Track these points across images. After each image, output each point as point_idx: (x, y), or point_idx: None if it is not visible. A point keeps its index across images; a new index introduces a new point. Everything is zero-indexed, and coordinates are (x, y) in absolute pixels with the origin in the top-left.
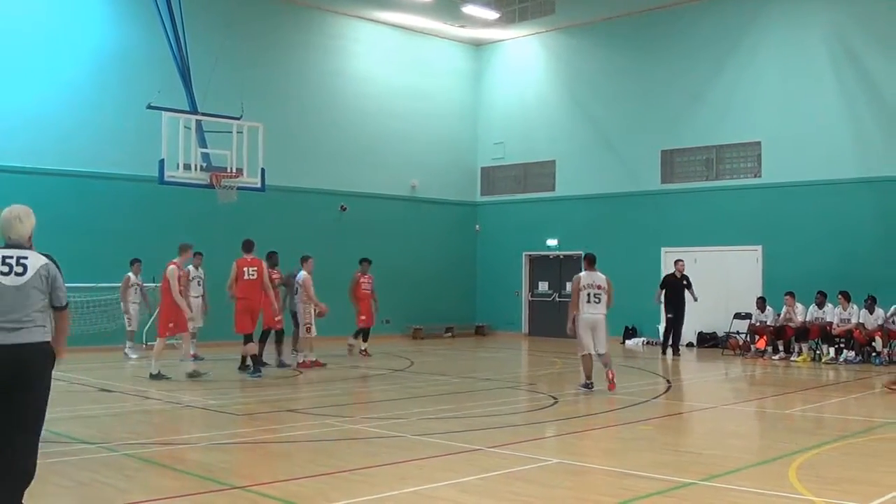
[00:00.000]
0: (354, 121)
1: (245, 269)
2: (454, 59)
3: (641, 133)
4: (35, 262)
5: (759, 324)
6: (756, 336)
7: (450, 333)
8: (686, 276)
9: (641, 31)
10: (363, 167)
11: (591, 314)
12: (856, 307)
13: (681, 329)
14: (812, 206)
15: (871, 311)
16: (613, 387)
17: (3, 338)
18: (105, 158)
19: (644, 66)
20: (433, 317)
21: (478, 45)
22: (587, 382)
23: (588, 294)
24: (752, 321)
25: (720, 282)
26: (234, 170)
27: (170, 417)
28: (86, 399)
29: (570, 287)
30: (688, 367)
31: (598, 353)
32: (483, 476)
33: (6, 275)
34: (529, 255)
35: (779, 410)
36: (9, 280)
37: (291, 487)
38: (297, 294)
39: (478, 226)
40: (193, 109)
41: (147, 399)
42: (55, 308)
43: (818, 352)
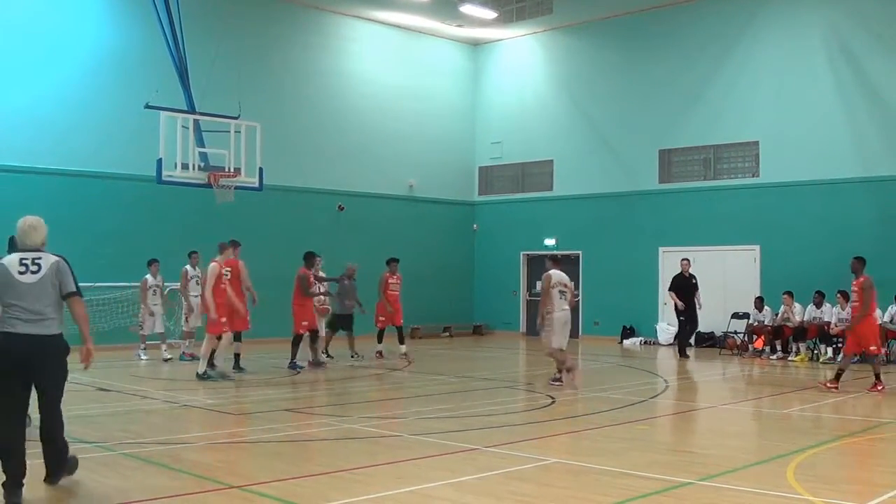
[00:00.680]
0: (352, 120)
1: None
2: (452, 59)
3: (639, 133)
4: (47, 261)
5: (757, 323)
6: (754, 336)
7: (447, 333)
8: (693, 276)
9: (639, 31)
10: (361, 167)
11: (563, 311)
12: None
13: (695, 328)
14: (810, 206)
15: None
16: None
17: (25, 328)
18: (102, 158)
19: (642, 66)
20: (431, 316)
21: (475, 45)
22: (560, 376)
23: (559, 291)
24: (750, 321)
25: (718, 281)
26: (232, 169)
27: (167, 417)
28: (83, 398)
29: (540, 286)
30: (686, 367)
31: (562, 349)
32: (481, 476)
33: (24, 274)
34: (527, 255)
35: (777, 410)
36: (26, 278)
37: (289, 487)
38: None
39: (475, 225)
40: (191, 109)
41: (145, 398)
42: (68, 295)
43: (816, 351)
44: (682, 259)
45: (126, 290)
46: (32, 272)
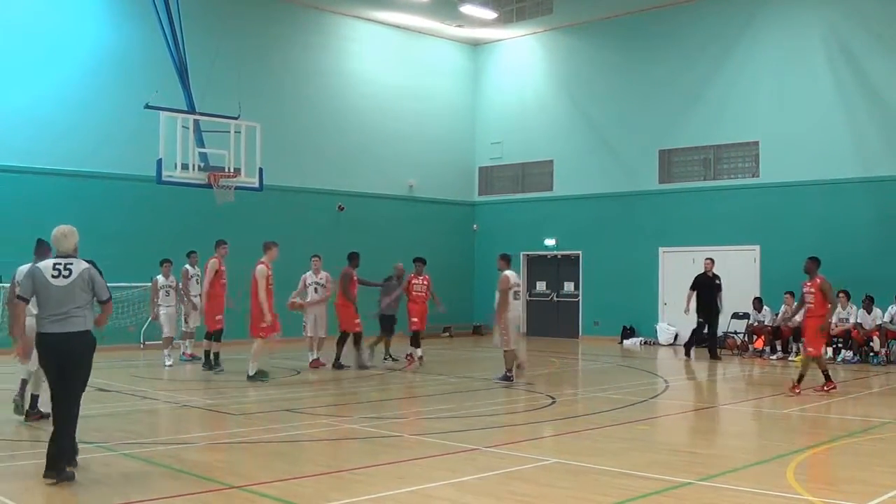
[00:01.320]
0: (352, 120)
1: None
2: (452, 59)
3: (639, 133)
4: (78, 267)
5: (757, 324)
6: (754, 336)
7: (448, 333)
8: (717, 276)
9: (639, 31)
10: (361, 167)
11: (517, 311)
12: (854, 307)
13: (716, 331)
14: (810, 206)
15: (869, 311)
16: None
17: (56, 327)
18: (102, 158)
19: (642, 66)
20: (431, 316)
21: (476, 45)
22: (510, 375)
23: (514, 292)
24: (750, 321)
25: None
26: (232, 169)
27: (168, 417)
28: (84, 399)
29: (499, 286)
30: (685, 367)
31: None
32: (481, 476)
33: (56, 278)
34: (527, 255)
35: (776, 410)
36: (58, 282)
37: (290, 487)
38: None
39: (476, 225)
40: (191, 109)
41: (145, 399)
42: (100, 302)
43: None
44: (706, 258)
45: (126, 291)
46: (64, 276)
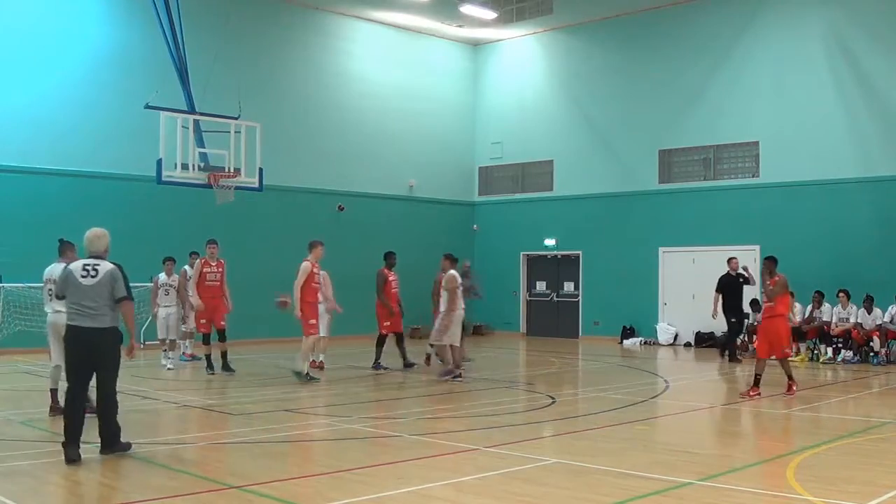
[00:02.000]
0: (352, 120)
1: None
2: (452, 59)
3: (639, 133)
4: (104, 268)
5: (757, 324)
6: (754, 336)
7: None
8: (742, 274)
9: (639, 31)
10: (361, 167)
11: (462, 309)
12: (854, 307)
13: (741, 331)
14: (810, 206)
15: (869, 311)
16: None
17: (86, 321)
18: (102, 158)
19: (642, 66)
20: (431, 317)
21: (475, 45)
22: (457, 371)
23: (459, 291)
24: (750, 321)
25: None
26: (232, 169)
27: (167, 417)
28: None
29: (448, 284)
30: (685, 367)
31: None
32: (481, 476)
33: (85, 277)
34: (527, 255)
35: (776, 410)
36: (87, 281)
37: (289, 487)
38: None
39: (475, 226)
40: (191, 109)
41: (145, 399)
42: (119, 300)
43: (816, 351)
44: (731, 258)
45: None
46: (91, 276)
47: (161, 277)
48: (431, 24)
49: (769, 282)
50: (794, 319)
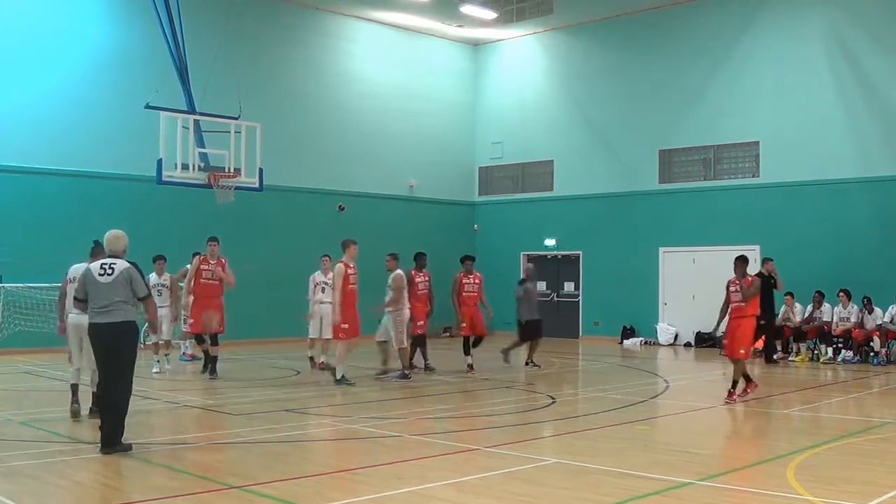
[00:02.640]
0: (352, 120)
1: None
2: (452, 59)
3: (639, 133)
4: (120, 267)
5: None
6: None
7: (448, 333)
8: (773, 276)
9: (639, 31)
10: (361, 167)
11: (409, 308)
12: (855, 307)
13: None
14: (810, 206)
15: (870, 312)
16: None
17: (100, 318)
18: (102, 158)
19: (642, 66)
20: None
21: (476, 45)
22: (408, 372)
23: (405, 291)
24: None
25: (718, 281)
26: (232, 170)
27: (168, 417)
28: (84, 399)
29: (395, 283)
30: (686, 367)
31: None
32: (481, 476)
33: (102, 276)
34: (527, 255)
35: (777, 410)
36: (103, 279)
37: (289, 487)
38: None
39: (476, 226)
40: (191, 109)
41: (145, 399)
42: (138, 299)
43: (816, 352)
44: (767, 259)
45: None
46: (108, 274)
47: (152, 277)
48: (432, 24)
49: (744, 281)
50: (795, 319)
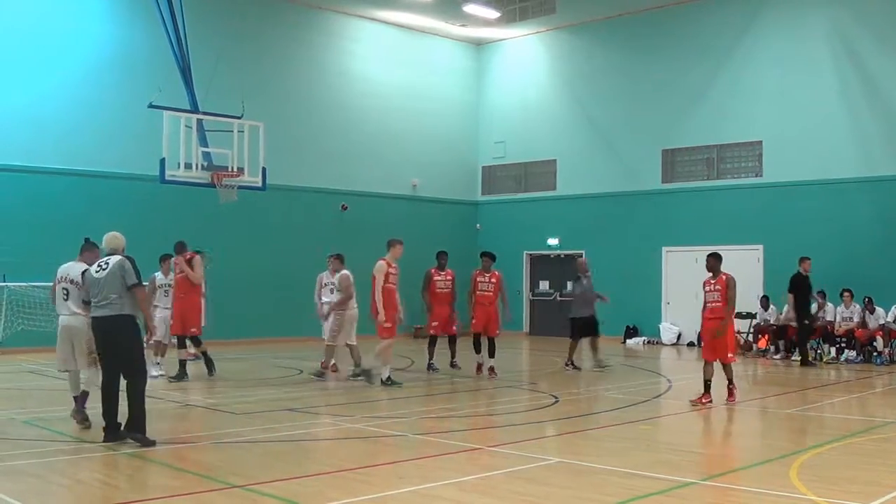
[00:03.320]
0: (355, 120)
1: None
2: (455, 59)
3: (642, 132)
4: (113, 261)
5: (764, 323)
6: (759, 335)
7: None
8: (808, 276)
9: (642, 31)
10: (364, 166)
11: (355, 308)
12: (857, 306)
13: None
14: (813, 206)
15: (872, 311)
16: None
17: (99, 312)
18: (106, 157)
19: (645, 66)
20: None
21: (479, 45)
22: (324, 371)
23: (353, 291)
24: (757, 320)
25: None
26: (235, 169)
27: (170, 417)
28: (94, 398)
29: (342, 283)
30: (689, 367)
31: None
32: (484, 475)
33: (98, 272)
34: (530, 255)
35: (780, 410)
36: (99, 275)
37: (291, 486)
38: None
39: (479, 225)
40: (194, 108)
41: (147, 398)
42: (128, 287)
43: (819, 351)
44: (804, 258)
45: None
46: (103, 269)
47: (158, 277)
48: (435, 24)
49: (716, 281)
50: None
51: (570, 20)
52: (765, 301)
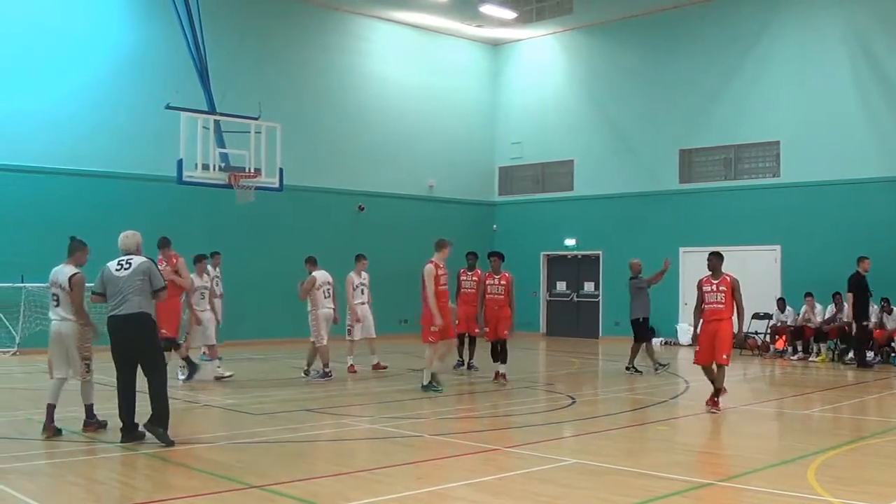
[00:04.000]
0: (372, 121)
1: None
2: (472, 59)
3: (660, 132)
4: (136, 261)
5: (780, 324)
6: (776, 336)
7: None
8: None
9: (659, 31)
10: (381, 167)
11: (328, 308)
12: (875, 307)
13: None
14: (831, 206)
15: (889, 312)
16: None
17: (117, 311)
18: (123, 159)
19: (662, 66)
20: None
21: (495, 45)
22: (329, 371)
23: (325, 290)
24: (773, 321)
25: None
26: (252, 170)
27: (188, 417)
28: (102, 398)
29: (307, 285)
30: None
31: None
32: (501, 476)
33: (119, 271)
34: (547, 255)
35: (797, 411)
36: (120, 273)
37: (310, 487)
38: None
39: (495, 226)
40: (211, 109)
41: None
42: (156, 290)
43: (837, 352)
44: (863, 257)
45: None
46: (125, 269)
47: (194, 279)
48: (451, 24)
49: (718, 281)
50: (815, 320)
51: (587, 20)
52: (781, 303)
